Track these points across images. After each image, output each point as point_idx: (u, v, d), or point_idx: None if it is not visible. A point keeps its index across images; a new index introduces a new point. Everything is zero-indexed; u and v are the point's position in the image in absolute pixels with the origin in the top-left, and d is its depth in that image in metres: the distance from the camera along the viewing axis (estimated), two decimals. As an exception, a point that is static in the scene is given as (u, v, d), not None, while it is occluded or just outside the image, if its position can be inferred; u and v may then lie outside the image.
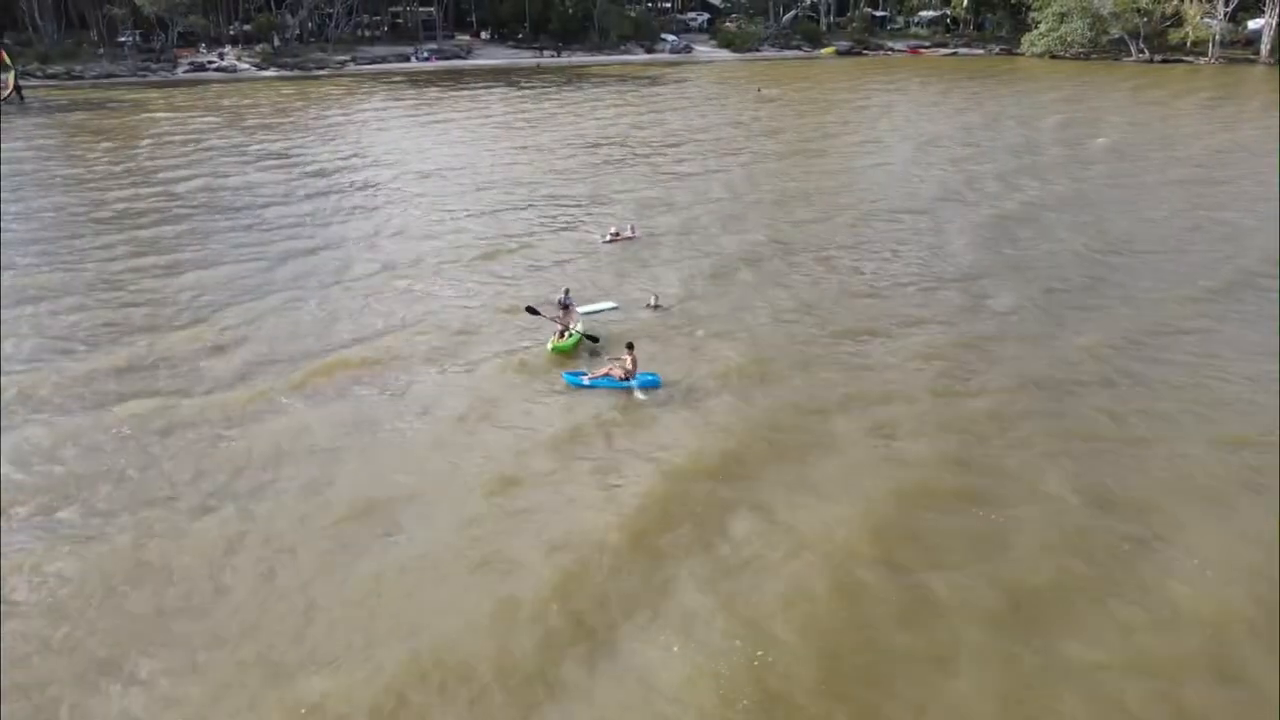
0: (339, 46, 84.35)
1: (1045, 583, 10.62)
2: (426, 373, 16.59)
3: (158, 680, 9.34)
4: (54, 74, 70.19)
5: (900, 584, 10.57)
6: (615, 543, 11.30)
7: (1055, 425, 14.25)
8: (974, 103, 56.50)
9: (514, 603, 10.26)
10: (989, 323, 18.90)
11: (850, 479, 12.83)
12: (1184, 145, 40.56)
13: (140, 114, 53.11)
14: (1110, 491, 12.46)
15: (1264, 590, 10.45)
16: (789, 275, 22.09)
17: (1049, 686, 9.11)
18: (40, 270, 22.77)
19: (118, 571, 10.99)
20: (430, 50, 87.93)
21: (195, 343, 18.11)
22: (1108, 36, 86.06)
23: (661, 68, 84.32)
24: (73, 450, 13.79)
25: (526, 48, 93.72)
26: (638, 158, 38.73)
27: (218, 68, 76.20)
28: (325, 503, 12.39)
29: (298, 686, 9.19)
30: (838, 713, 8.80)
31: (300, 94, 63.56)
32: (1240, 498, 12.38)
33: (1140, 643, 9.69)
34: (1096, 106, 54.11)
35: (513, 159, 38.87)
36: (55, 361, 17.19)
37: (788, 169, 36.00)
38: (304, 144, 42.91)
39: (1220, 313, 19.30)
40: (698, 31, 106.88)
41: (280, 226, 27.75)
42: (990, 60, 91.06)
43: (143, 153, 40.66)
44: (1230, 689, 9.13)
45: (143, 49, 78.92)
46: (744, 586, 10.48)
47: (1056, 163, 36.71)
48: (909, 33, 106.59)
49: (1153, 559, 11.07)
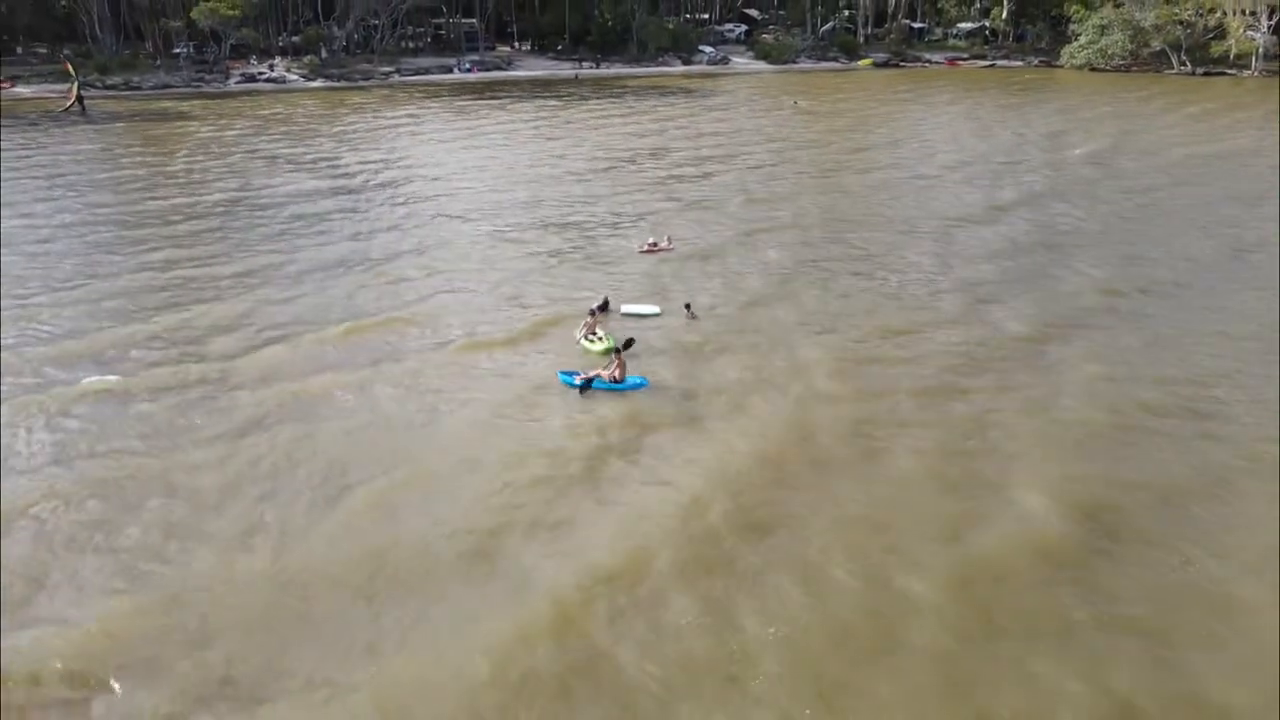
0: (384, 58, 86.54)
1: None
2: (470, 362, 17.81)
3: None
4: (112, 84, 72.93)
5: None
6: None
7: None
8: (1011, 117, 56.72)
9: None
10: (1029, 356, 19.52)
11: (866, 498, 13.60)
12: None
13: (194, 123, 55.21)
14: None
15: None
16: (823, 287, 22.74)
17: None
18: (102, 257, 24.31)
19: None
20: (472, 61, 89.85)
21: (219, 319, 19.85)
22: (1149, 49, 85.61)
23: (698, 79, 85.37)
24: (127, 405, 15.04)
25: (566, 59, 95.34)
26: (673, 169, 39.69)
27: (268, 79, 78.64)
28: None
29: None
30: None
31: (346, 104, 65.53)
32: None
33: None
34: (1143, 122, 54.11)
35: (550, 168, 40.06)
36: (120, 327, 19.69)
37: (823, 182, 36.72)
38: (348, 151, 44.55)
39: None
40: (735, 43, 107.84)
41: (321, 225, 29.61)
42: (1029, 72, 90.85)
43: (197, 158, 42.53)
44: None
45: (196, 60, 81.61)
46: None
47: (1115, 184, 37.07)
48: (947, 44, 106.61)
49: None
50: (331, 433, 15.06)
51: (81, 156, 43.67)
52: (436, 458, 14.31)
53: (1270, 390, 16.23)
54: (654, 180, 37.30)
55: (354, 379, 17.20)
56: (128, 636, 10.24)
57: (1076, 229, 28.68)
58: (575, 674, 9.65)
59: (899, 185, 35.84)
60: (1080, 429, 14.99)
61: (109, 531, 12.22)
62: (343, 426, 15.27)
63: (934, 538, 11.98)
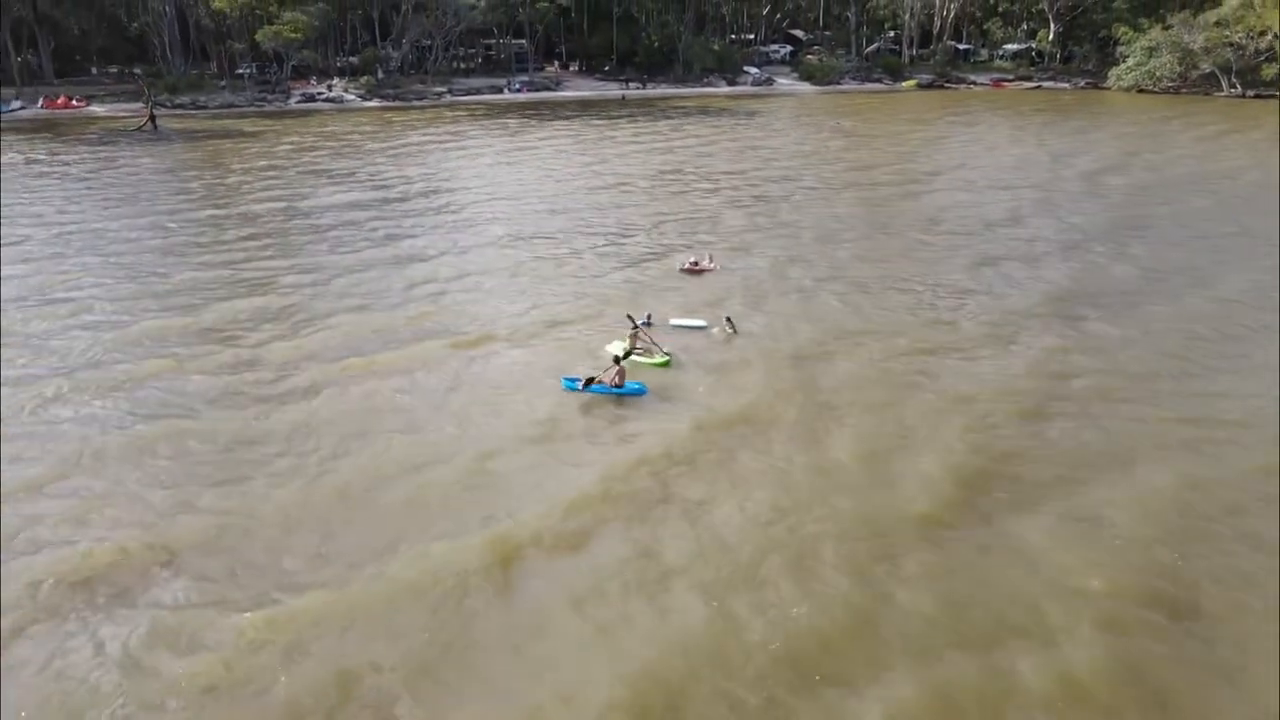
0: (437, 78, 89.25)
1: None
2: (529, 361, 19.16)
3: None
4: (180, 104, 76.30)
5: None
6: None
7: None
8: (1057, 139, 57.14)
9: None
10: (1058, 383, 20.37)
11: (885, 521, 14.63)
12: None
13: (258, 140, 57.87)
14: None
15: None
16: (863, 306, 23.71)
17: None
18: (181, 261, 26.24)
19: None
20: (521, 82, 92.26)
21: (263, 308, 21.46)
22: (1197, 71, 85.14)
23: (743, 100, 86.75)
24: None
25: (613, 79, 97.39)
26: (716, 189, 40.95)
27: (326, 98, 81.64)
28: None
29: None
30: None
31: (400, 122, 67.99)
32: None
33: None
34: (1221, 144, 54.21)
35: (596, 187, 41.59)
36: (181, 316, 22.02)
37: (861, 202, 37.66)
38: (400, 167, 46.66)
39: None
40: (779, 63, 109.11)
41: (375, 235, 31.66)
42: (1075, 94, 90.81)
43: (260, 170, 44.87)
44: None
45: (259, 80, 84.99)
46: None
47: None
48: (993, 65, 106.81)
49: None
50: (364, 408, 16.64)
51: (157, 170, 46.26)
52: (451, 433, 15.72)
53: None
54: (697, 199, 38.56)
55: (401, 381, 18.75)
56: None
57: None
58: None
59: (932, 202, 36.72)
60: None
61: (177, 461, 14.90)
62: (397, 421, 16.78)
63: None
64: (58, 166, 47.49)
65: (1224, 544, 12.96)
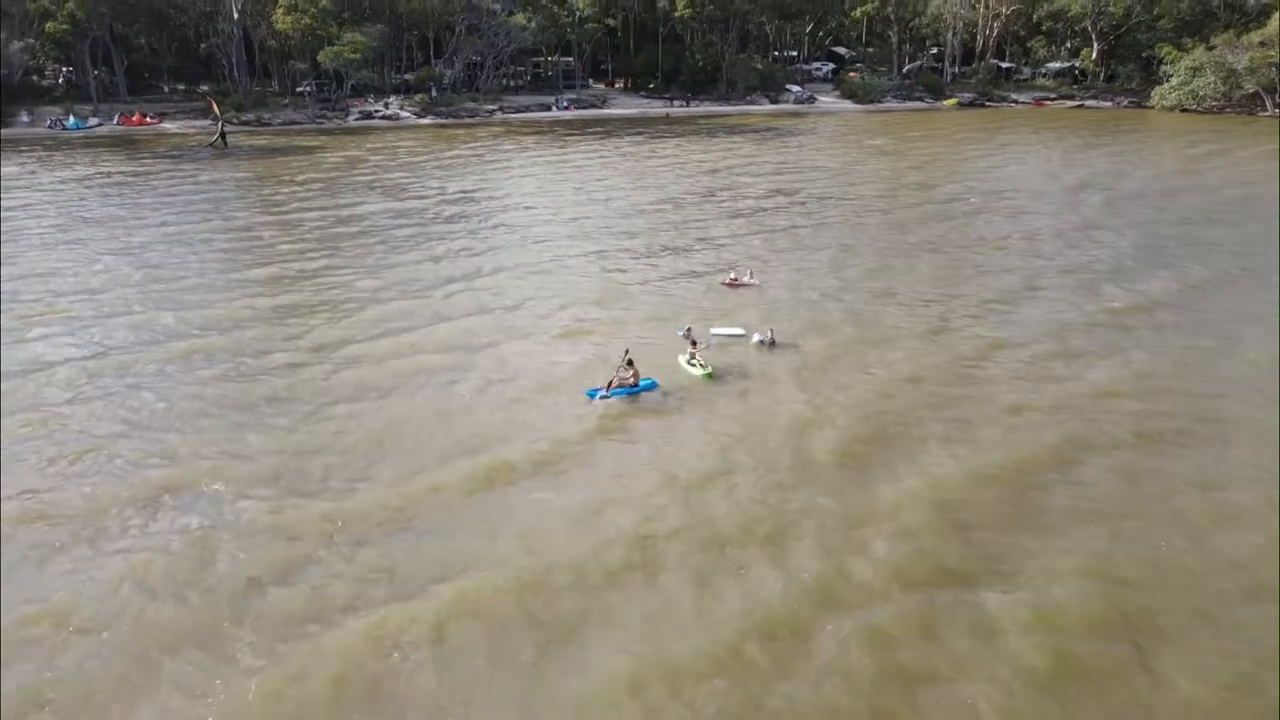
0: (488, 96, 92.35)
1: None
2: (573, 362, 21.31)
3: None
4: (246, 121, 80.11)
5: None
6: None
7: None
8: (1098, 159, 58.20)
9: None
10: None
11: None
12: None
13: (321, 155, 61.27)
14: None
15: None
16: (896, 323, 25.41)
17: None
18: (246, 259, 28.92)
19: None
20: (569, 99, 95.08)
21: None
22: (1241, 91, 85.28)
23: (785, 118, 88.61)
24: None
25: (658, 97, 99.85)
26: (756, 206, 42.91)
27: (383, 116, 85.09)
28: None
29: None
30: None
31: (452, 139, 71.04)
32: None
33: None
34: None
35: (641, 202, 43.91)
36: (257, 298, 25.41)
37: (897, 220, 39.36)
38: (455, 181, 49.60)
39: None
40: (822, 81, 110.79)
41: (434, 244, 34.69)
42: (1118, 113, 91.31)
43: (326, 183, 47.94)
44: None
45: (319, 98, 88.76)
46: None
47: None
48: (1035, 84, 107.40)
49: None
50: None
51: (234, 182, 49.61)
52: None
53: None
54: (739, 215, 40.55)
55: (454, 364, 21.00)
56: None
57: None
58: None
59: (961, 219, 38.29)
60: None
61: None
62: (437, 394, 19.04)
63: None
64: (153, 180, 51.24)
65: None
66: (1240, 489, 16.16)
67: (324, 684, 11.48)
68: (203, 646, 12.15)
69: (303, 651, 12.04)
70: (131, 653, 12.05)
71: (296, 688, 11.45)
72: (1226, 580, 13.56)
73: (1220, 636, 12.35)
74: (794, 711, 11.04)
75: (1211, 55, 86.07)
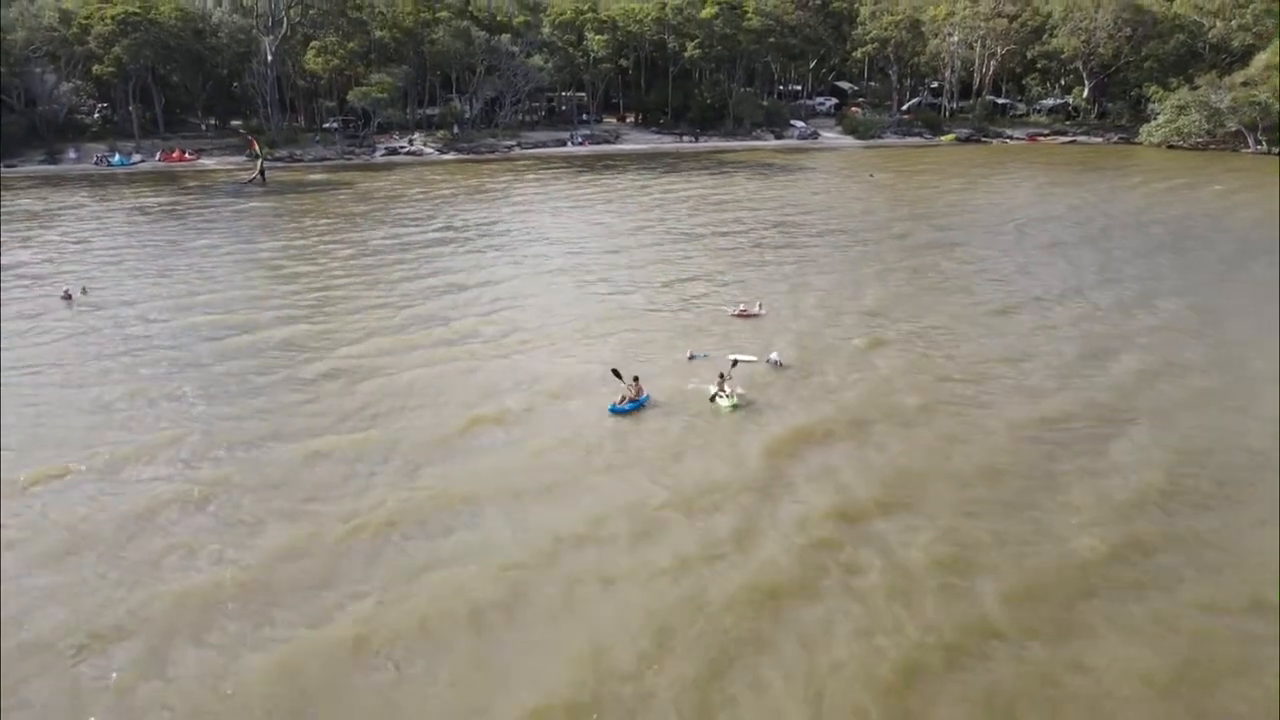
0: (506, 132, 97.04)
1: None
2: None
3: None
4: (279, 157, 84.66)
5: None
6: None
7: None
8: (1092, 195, 62.31)
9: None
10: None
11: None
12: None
13: (352, 189, 66.04)
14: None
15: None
16: (899, 351, 29.02)
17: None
18: (287, 270, 32.96)
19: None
20: (584, 135, 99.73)
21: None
22: (1224, 129, 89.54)
23: (789, 154, 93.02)
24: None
25: (668, 133, 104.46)
26: (761, 238, 46.97)
27: (408, 151, 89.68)
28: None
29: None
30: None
31: (475, 173, 75.69)
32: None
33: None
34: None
35: (654, 235, 48.12)
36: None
37: (894, 252, 43.32)
38: (476, 213, 54.56)
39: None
40: (825, 116, 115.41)
41: (454, 275, 38.26)
42: (1107, 149, 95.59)
43: (362, 215, 52.23)
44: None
45: (347, 135, 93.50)
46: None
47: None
48: (1030, 120, 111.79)
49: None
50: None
51: (278, 214, 54.02)
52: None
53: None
54: (746, 248, 44.51)
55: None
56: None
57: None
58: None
59: (957, 249, 42.25)
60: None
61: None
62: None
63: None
64: (206, 214, 56.00)
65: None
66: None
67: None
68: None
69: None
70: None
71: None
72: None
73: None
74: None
75: (1196, 95, 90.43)
